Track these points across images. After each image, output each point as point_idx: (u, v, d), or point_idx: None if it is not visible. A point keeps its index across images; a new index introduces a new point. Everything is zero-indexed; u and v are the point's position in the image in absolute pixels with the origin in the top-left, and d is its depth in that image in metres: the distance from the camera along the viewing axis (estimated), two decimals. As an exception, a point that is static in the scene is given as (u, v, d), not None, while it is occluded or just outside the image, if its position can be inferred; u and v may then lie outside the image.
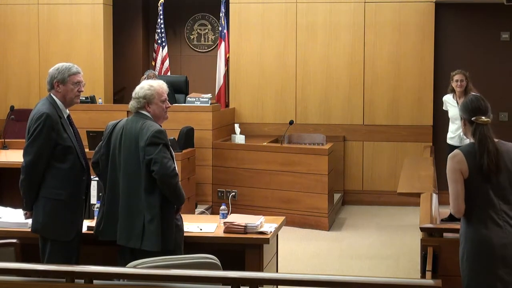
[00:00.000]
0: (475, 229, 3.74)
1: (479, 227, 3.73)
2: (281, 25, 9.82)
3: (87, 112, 8.70)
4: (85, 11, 10.10)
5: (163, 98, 4.47)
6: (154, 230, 4.24)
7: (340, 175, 9.50)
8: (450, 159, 3.79)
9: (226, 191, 8.68)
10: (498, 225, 3.72)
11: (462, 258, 3.80)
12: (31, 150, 4.40)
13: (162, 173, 4.22)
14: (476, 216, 3.75)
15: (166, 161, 4.24)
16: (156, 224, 4.24)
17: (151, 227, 4.25)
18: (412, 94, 9.59)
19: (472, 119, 3.82)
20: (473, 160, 3.75)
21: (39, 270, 3.40)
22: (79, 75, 4.55)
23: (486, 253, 3.71)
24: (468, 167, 3.73)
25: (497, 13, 9.44)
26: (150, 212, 4.26)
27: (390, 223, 8.27)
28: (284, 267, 5.96)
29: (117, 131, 4.43)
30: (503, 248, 3.69)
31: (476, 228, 3.74)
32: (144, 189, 4.27)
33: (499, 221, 3.73)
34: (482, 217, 3.73)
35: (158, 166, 4.21)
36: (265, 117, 9.89)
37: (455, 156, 3.79)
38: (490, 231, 3.71)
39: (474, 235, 3.75)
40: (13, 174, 6.21)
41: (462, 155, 3.77)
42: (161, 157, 4.23)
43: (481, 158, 3.72)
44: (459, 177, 3.73)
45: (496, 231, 3.71)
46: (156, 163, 4.22)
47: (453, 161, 3.76)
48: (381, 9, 9.61)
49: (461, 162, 3.74)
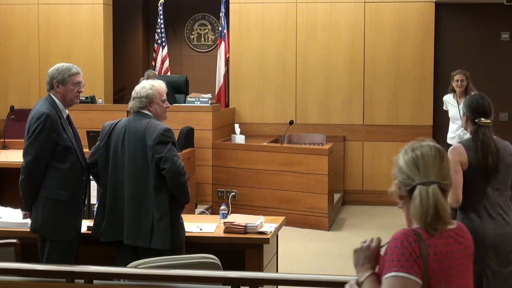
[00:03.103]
0: (470, 219, 3.89)
1: (474, 217, 3.90)
2: (281, 25, 9.81)
3: (87, 112, 8.70)
4: (85, 11, 10.10)
5: (164, 98, 4.51)
6: (164, 228, 4.25)
7: (340, 175, 9.50)
8: (451, 151, 3.93)
9: (226, 191, 8.68)
10: (491, 217, 3.89)
11: None
12: (31, 150, 4.39)
13: (174, 171, 4.24)
14: (471, 207, 3.92)
15: (176, 159, 4.27)
16: (165, 223, 4.26)
17: (160, 225, 4.25)
18: (412, 94, 9.59)
19: (475, 121, 3.97)
20: (473, 153, 3.91)
21: (39, 270, 3.40)
22: (79, 76, 4.55)
23: (479, 242, 3.78)
24: (468, 160, 3.89)
25: (497, 13, 9.44)
26: (159, 210, 4.27)
27: (390, 223, 8.26)
28: (284, 267, 5.95)
29: (118, 131, 4.43)
30: (495, 238, 3.85)
31: (471, 218, 3.90)
32: (153, 187, 4.28)
33: (493, 213, 3.89)
34: (477, 208, 3.91)
35: (169, 164, 4.23)
36: (265, 117, 9.88)
37: (456, 148, 3.95)
38: (484, 222, 3.88)
39: (468, 225, 3.86)
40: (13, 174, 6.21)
41: (462, 147, 3.93)
42: (171, 155, 4.26)
43: (484, 158, 3.88)
44: (458, 169, 3.88)
45: (489, 222, 3.88)
46: (166, 161, 4.24)
47: (453, 153, 3.91)
48: (381, 9, 9.61)
49: (461, 154, 3.90)
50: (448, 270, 2.36)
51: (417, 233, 2.35)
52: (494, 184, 3.91)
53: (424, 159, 2.40)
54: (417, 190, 2.36)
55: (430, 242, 2.34)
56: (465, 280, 2.43)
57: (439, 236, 2.37)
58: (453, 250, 2.39)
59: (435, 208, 2.33)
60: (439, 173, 2.38)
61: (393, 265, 2.31)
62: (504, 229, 3.89)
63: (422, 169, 2.38)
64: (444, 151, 2.45)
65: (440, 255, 2.34)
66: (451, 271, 2.36)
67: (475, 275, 3.85)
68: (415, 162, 2.40)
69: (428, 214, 2.34)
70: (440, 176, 2.38)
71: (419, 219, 2.37)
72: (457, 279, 2.38)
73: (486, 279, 3.86)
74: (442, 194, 2.36)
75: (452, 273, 2.37)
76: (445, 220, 2.36)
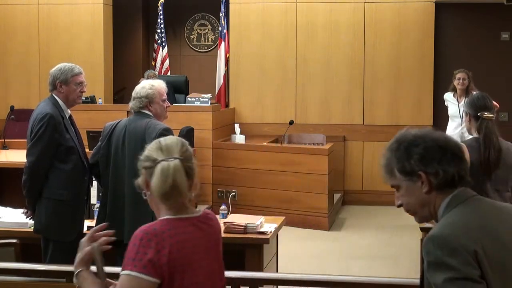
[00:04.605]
0: None
1: None
2: (281, 25, 9.81)
3: (87, 112, 8.69)
4: (85, 11, 10.10)
5: (164, 98, 4.51)
6: None
7: (340, 175, 9.49)
8: None
9: (226, 191, 8.68)
10: None
11: None
12: (35, 151, 4.40)
13: None
14: None
15: None
16: None
17: None
18: (412, 94, 9.59)
19: (478, 114, 3.97)
20: (475, 153, 3.92)
21: (39, 270, 3.41)
22: (81, 76, 4.56)
23: None
24: (470, 160, 3.86)
25: (497, 13, 9.44)
26: None
27: (390, 223, 8.26)
28: (284, 267, 5.95)
29: (118, 131, 4.43)
30: None
31: None
32: None
33: None
34: None
35: None
36: (265, 117, 9.88)
37: None
38: None
39: None
40: (13, 174, 6.21)
41: (464, 146, 3.92)
42: None
43: (486, 151, 3.87)
44: None
45: None
46: None
47: None
48: (381, 9, 9.60)
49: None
50: (190, 258, 2.40)
51: (156, 229, 2.38)
52: (494, 184, 3.92)
53: (168, 144, 2.48)
54: (160, 165, 2.42)
55: (170, 233, 2.38)
56: (210, 266, 2.47)
57: (179, 225, 2.41)
58: (193, 238, 2.43)
59: (173, 179, 2.38)
60: (182, 154, 2.45)
61: (128, 264, 2.35)
62: None
63: (165, 150, 2.45)
64: (187, 143, 2.52)
65: (179, 244, 2.38)
66: (194, 258, 2.40)
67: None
68: (158, 147, 2.48)
69: (166, 184, 2.38)
70: (183, 156, 2.44)
71: (158, 193, 2.40)
72: (200, 266, 2.42)
73: None
74: (186, 175, 2.41)
75: (195, 260, 2.41)
76: (183, 195, 2.41)
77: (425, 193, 2.14)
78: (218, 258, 2.57)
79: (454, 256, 1.98)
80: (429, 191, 2.14)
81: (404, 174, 2.17)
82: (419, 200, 2.16)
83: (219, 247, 2.58)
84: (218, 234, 2.59)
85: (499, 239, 2.05)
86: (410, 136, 2.22)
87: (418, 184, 2.15)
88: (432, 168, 2.12)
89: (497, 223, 2.10)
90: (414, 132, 2.23)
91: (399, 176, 2.18)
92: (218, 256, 2.56)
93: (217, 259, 2.55)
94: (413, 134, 2.22)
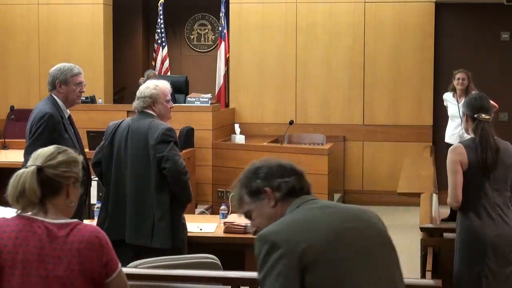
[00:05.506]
0: (470, 220, 3.92)
1: (473, 217, 3.92)
2: (281, 25, 9.81)
3: (87, 112, 8.69)
4: (85, 12, 10.10)
5: (168, 98, 4.52)
6: (164, 227, 4.26)
7: (340, 175, 9.50)
8: (451, 151, 3.97)
9: (226, 191, 8.68)
10: (491, 217, 3.91)
11: (456, 245, 4.01)
12: (32, 150, 4.38)
13: (175, 170, 4.25)
14: (471, 207, 3.93)
15: (177, 158, 4.28)
16: (166, 222, 4.27)
17: (161, 224, 4.26)
18: (412, 94, 9.59)
19: (474, 116, 3.97)
20: (473, 153, 3.92)
21: (39, 270, 3.40)
22: (80, 76, 4.57)
23: (478, 242, 3.89)
24: (468, 160, 3.91)
25: (497, 13, 9.44)
26: (160, 209, 4.28)
27: (390, 223, 8.22)
28: (284, 267, 5.93)
29: (121, 130, 4.44)
30: (494, 239, 3.87)
31: (471, 219, 3.92)
32: (154, 187, 4.29)
33: (492, 214, 3.91)
34: (477, 209, 3.92)
35: (171, 163, 4.24)
36: (265, 117, 9.88)
37: (456, 148, 3.98)
38: (483, 222, 3.89)
39: (468, 225, 3.94)
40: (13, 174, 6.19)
41: (462, 147, 3.95)
42: (172, 155, 4.27)
43: (483, 152, 3.89)
44: (458, 169, 3.91)
45: (488, 223, 3.90)
46: (168, 160, 4.25)
47: (454, 153, 3.95)
48: (381, 9, 9.60)
49: (461, 154, 3.92)
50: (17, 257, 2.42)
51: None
52: (493, 184, 3.92)
53: (40, 153, 2.61)
54: (17, 172, 2.55)
55: (6, 229, 2.47)
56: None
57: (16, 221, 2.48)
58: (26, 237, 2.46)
59: (23, 185, 2.49)
60: (45, 162, 2.54)
61: None
62: (503, 229, 3.90)
63: (35, 158, 2.58)
64: (67, 151, 2.63)
65: (12, 240, 2.45)
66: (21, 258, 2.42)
67: (475, 275, 3.89)
68: (34, 154, 2.63)
69: (16, 190, 2.49)
70: (46, 164, 2.54)
71: (9, 195, 2.51)
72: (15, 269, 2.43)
73: (486, 279, 3.88)
74: (40, 182, 2.48)
75: (28, 260, 2.41)
76: (31, 200, 2.48)
77: (272, 207, 2.37)
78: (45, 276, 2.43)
79: (274, 251, 2.18)
80: (275, 204, 2.37)
81: (252, 195, 2.41)
82: (267, 215, 2.38)
83: (55, 265, 2.44)
84: (71, 251, 2.48)
85: (347, 231, 2.27)
86: (256, 163, 2.47)
87: (265, 201, 2.38)
88: (275, 182, 2.37)
89: (334, 219, 2.31)
90: (261, 159, 2.50)
91: (248, 200, 2.42)
92: (42, 273, 2.43)
93: (41, 276, 2.42)
94: (259, 161, 2.49)
